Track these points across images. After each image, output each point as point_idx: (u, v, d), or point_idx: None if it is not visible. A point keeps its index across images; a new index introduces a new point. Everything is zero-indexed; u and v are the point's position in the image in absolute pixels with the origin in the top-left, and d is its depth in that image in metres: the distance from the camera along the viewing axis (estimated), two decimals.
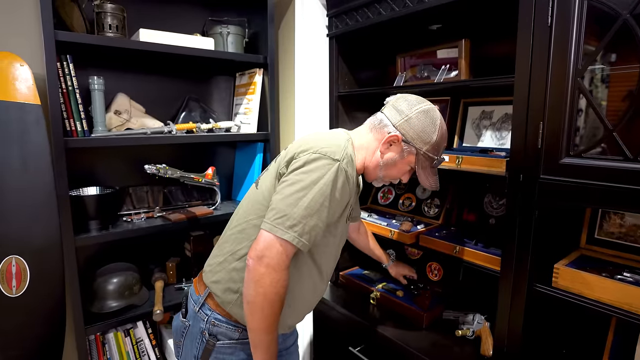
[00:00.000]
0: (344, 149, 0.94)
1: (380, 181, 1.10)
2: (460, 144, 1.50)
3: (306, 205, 0.88)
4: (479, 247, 1.24)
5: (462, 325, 1.37)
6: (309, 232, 0.89)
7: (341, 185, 0.92)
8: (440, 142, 1.03)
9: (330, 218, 0.94)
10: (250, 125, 1.73)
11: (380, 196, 1.80)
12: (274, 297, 0.88)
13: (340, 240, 1.11)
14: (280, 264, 0.87)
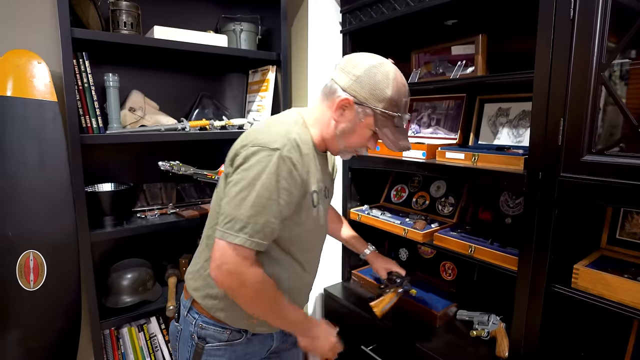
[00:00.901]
0: (285, 134, 0.89)
1: (345, 153, 1.03)
2: (476, 141, 1.47)
3: (252, 204, 0.84)
4: (495, 246, 1.22)
5: (477, 325, 1.35)
6: (261, 231, 0.85)
7: (287, 174, 0.87)
8: (398, 97, 0.93)
9: (286, 210, 0.89)
10: None
11: (394, 194, 1.78)
12: (255, 293, 0.88)
13: (313, 229, 1.03)
14: (240, 268, 0.85)
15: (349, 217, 1.68)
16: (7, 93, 1.34)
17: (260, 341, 1.05)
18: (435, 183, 1.66)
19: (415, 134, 1.69)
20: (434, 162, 1.34)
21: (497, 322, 1.31)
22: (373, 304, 1.36)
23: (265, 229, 0.86)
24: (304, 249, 1.03)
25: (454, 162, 1.28)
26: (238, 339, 1.00)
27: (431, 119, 1.65)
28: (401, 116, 0.95)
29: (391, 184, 1.81)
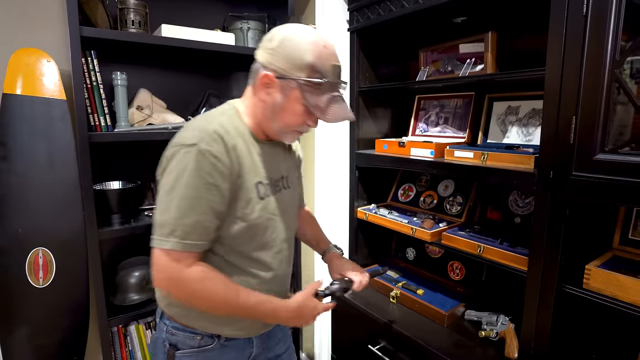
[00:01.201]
0: (202, 128, 0.85)
1: (286, 135, 0.95)
2: (485, 140, 1.46)
3: (177, 206, 0.81)
4: (505, 246, 1.20)
5: (486, 326, 1.34)
6: (192, 232, 0.82)
7: (210, 168, 0.82)
8: (321, 61, 0.85)
9: (220, 205, 0.85)
10: None
11: (401, 193, 1.77)
12: (197, 293, 0.85)
13: (267, 224, 0.96)
14: (175, 273, 0.82)
15: (356, 216, 1.68)
16: (17, 91, 1.36)
17: (236, 347, 1.00)
18: (443, 182, 1.64)
19: (423, 132, 1.67)
20: (442, 160, 1.33)
21: (506, 322, 1.30)
22: None
23: (197, 228, 0.82)
24: (263, 247, 0.96)
25: (463, 161, 1.27)
26: (210, 345, 0.97)
27: (439, 118, 1.64)
28: (331, 82, 0.87)
29: (398, 183, 1.80)
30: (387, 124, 1.76)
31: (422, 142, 1.43)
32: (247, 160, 0.91)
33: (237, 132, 0.91)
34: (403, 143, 1.49)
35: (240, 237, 0.92)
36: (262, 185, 0.94)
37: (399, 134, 1.76)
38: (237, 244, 0.92)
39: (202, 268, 0.85)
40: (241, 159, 0.89)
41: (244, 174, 0.89)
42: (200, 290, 0.85)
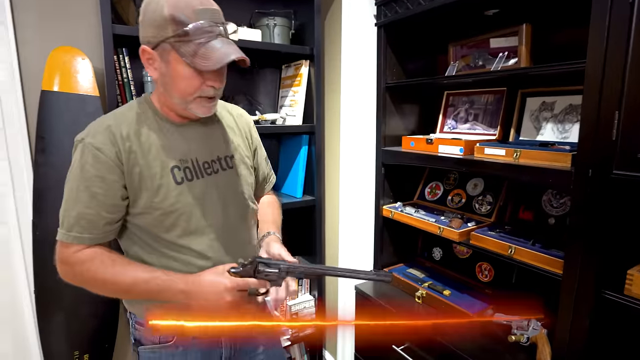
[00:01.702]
0: (96, 122, 0.88)
1: (195, 107, 0.88)
2: (517, 137, 1.40)
3: (65, 200, 0.86)
4: (537, 247, 1.15)
5: (515, 330, 1.29)
6: (75, 224, 0.84)
7: (92, 160, 0.83)
8: (178, 9, 0.79)
9: (111, 198, 0.85)
10: (295, 118, 1.72)
11: (428, 192, 1.73)
12: (90, 276, 0.86)
13: (192, 208, 0.92)
14: (66, 257, 0.86)
15: (382, 214, 1.65)
16: (54, 88, 1.41)
17: (201, 346, 0.96)
18: (472, 181, 1.59)
19: (452, 129, 1.63)
20: (471, 158, 1.29)
21: (538, 327, 1.24)
22: None
23: (81, 221, 0.84)
24: (192, 234, 0.92)
25: (494, 159, 1.22)
26: (170, 341, 0.94)
27: (469, 114, 1.59)
28: (199, 26, 0.80)
29: (425, 181, 1.76)
30: (414, 121, 1.73)
31: (451, 139, 1.39)
32: (155, 147, 0.89)
33: (143, 119, 0.90)
34: (431, 140, 1.46)
35: (159, 225, 0.90)
36: (178, 170, 0.91)
37: (427, 131, 1.72)
38: (160, 232, 0.90)
39: (93, 250, 0.86)
40: (143, 147, 0.88)
41: (147, 161, 0.87)
42: (86, 271, 0.86)
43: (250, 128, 1.13)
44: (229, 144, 1.03)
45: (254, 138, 1.14)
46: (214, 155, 0.98)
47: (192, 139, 0.95)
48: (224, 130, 1.03)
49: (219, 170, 0.98)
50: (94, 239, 0.86)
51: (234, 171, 1.02)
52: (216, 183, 0.97)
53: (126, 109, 0.93)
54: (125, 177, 0.86)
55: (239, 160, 1.04)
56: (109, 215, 0.87)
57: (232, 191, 1.01)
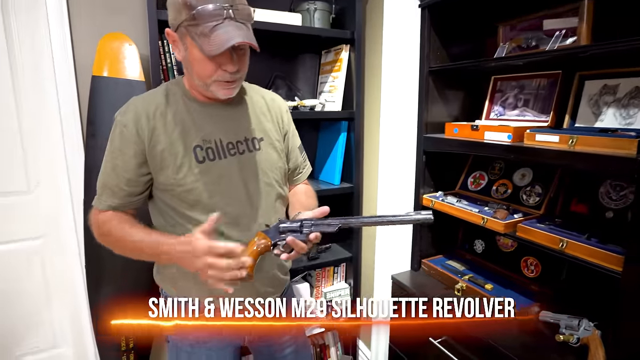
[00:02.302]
0: (128, 102, 0.94)
1: (214, 89, 0.90)
2: (572, 124, 1.30)
3: (101, 172, 0.95)
4: (593, 242, 1.07)
5: (564, 329, 1.21)
6: (102, 192, 0.94)
7: (118, 135, 0.91)
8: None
9: (128, 172, 0.91)
10: (335, 104, 1.70)
11: (471, 182, 1.65)
12: (107, 234, 0.94)
13: (212, 187, 0.93)
14: (94, 221, 0.95)
15: (422, 203, 1.60)
16: (104, 73, 1.46)
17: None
18: (520, 170, 1.50)
19: (499, 116, 1.54)
20: (521, 145, 1.21)
21: (590, 328, 1.16)
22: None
23: (105, 189, 0.94)
24: (212, 212, 0.90)
25: (546, 146, 1.14)
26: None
27: (518, 100, 1.50)
28: (204, 8, 0.80)
29: (468, 170, 1.69)
30: (457, 108, 1.65)
31: (498, 126, 1.32)
32: (179, 126, 0.93)
33: (172, 100, 0.95)
34: (476, 126, 1.38)
35: (182, 202, 0.94)
36: (200, 150, 0.93)
37: (471, 119, 1.64)
38: (184, 209, 0.95)
39: (113, 214, 0.94)
40: (168, 126, 0.92)
41: (171, 140, 0.92)
42: (107, 231, 0.93)
43: (282, 113, 1.13)
44: (258, 126, 1.04)
45: (285, 123, 1.13)
46: (240, 136, 1.00)
47: (217, 119, 0.97)
48: (254, 113, 1.04)
49: (244, 151, 0.99)
50: (115, 207, 0.94)
51: (261, 153, 1.03)
52: (240, 164, 0.98)
53: (158, 89, 0.98)
54: (146, 155, 0.92)
55: (268, 143, 1.05)
56: (127, 187, 0.93)
57: (258, 173, 1.01)
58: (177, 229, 0.96)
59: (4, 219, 1.61)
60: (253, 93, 1.08)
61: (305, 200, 1.14)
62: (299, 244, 0.88)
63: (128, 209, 0.97)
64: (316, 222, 0.90)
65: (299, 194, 1.17)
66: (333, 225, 0.89)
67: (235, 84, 0.92)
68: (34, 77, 1.54)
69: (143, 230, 0.93)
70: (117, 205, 0.94)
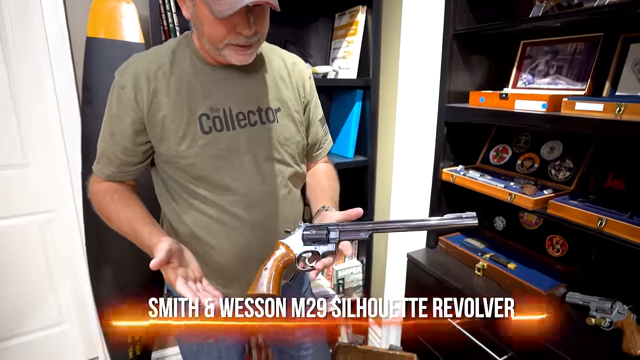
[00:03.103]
0: (129, 59, 0.84)
1: (227, 53, 0.78)
2: (613, 92, 1.19)
3: (100, 137, 0.87)
4: (637, 220, 0.98)
5: (595, 312, 1.14)
6: (99, 157, 0.87)
7: (116, 98, 0.82)
8: None
9: (125, 140, 0.83)
10: (349, 71, 1.58)
11: (493, 155, 1.56)
12: (103, 214, 0.87)
13: (217, 163, 0.84)
14: (90, 189, 0.90)
15: (441, 177, 1.51)
16: (100, 35, 1.35)
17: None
18: (549, 143, 1.40)
19: (527, 85, 1.42)
20: (557, 114, 1.11)
21: (625, 311, 1.09)
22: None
23: (102, 156, 0.87)
24: (221, 189, 0.85)
25: (588, 115, 1.04)
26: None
27: (550, 67, 1.38)
28: None
29: (490, 143, 1.58)
30: (482, 76, 1.53)
31: (531, 94, 1.21)
32: (185, 89, 0.82)
33: (179, 58, 0.84)
34: (505, 95, 1.27)
35: (186, 176, 0.85)
36: (207, 119, 0.83)
37: (495, 88, 1.53)
38: (188, 183, 0.86)
39: (108, 184, 0.88)
40: (171, 88, 0.81)
41: (174, 105, 0.81)
42: (100, 203, 0.87)
43: (305, 80, 0.99)
44: (275, 94, 0.91)
45: (307, 92, 0.99)
46: (253, 105, 0.88)
47: (228, 85, 0.85)
48: (272, 79, 0.92)
49: (256, 122, 0.87)
50: (110, 175, 0.87)
51: (277, 126, 0.90)
52: (250, 137, 0.86)
53: (164, 45, 0.87)
54: (145, 123, 0.82)
55: (285, 114, 0.92)
56: (123, 156, 0.85)
57: (270, 148, 0.89)
58: (181, 205, 0.88)
59: (2, 193, 1.53)
60: (272, 55, 0.95)
61: (326, 183, 1.02)
62: (329, 261, 0.78)
63: (126, 179, 0.89)
64: (344, 228, 0.78)
65: (319, 175, 1.05)
66: (364, 231, 0.78)
67: (251, 48, 0.79)
68: (24, 43, 1.42)
69: (135, 212, 0.83)
70: (113, 175, 0.87)
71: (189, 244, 0.87)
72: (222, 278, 0.91)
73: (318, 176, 1.05)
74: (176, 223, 0.90)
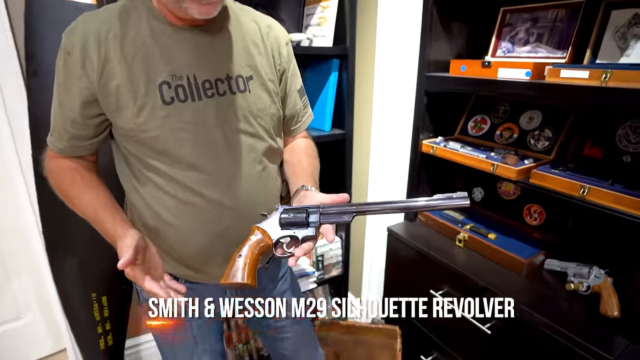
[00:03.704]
0: (78, 19, 0.74)
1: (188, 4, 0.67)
2: (593, 60, 1.18)
3: (52, 106, 0.79)
4: (618, 188, 0.99)
5: (573, 278, 1.17)
6: (53, 129, 0.79)
7: (62, 65, 0.72)
8: None
9: (72, 112, 0.74)
10: (324, 38, 1.49)
11: (472, 126, 1.54)
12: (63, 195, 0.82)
13: (181, 137, 0.75)
14: (46, 165, 0.83)
15: (420, 149, 1.48)
16: None
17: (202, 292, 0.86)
18: (528, 113, 1.40)
19: (507, 53, 1.40)
20: (542, 82, 1.09)
21: (601, 275, 1.12)
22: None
23: (54, 128, 0.79)
24: (185, 165, 0.77)
25: (573, 82, 1.02)
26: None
27: (530, 35, 1.35)
28: None
29: (468, 114, 1.56)
30: (461, 44, 1.48)
31: (515, 62, 1.19)
32: (141, 54, 0.72)
33: (133, 18, 0.72)
34: (488, 63, 1.24)
35: (147, 151, 0.77)
36: (168, 88, 0.73)
37: (474, 57, 1.49)
38: (150, 159, 0.77)
39: (64, 162, 0.81)
40: (126, 53, 0.71)
41: (129, 73, 0.71)
42: (57, 183, 0.81)
43: (281, 45, 0.89)
44: (247, 61, 0.82)
45: (283, 58, 0.90)
46: (221, 73, 0.78)
47: (193, 49, 0.75)
48: (243, 43, 0.82)
49: (225, 92, 0.78)
50: (63, 150, 0.80)
51: (250, 96, 0.82)
52: (219, 108, 0.78)
53: (116, 4, 0.74)
54: (97, 93, 0.73)
55: (258, 83, 0.83)
56: (72, 130, 0.77)
57: (242, 120, 0.81)
58: (143, 184, 0.80)
59: None
60: (244, 17, 0.85)
61: (306, 160, 0.95)
62: (309, 247, 0.72)
63: (82, 154, 0.81)
64: (325, 210, 0.73)
65: (298, 152, 0.97)
66: (348, 214, 0.73)
67: (211, 3, 0.69)
68: None
69: (98, 199, 0.79)
70: (65, 149, 0.80)
71: (152, 227, 0.81)
72: (189, 264, 0.85)
73: (297, 152, 0.98)
74: (138, 204, 0.82)
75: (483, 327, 1.19)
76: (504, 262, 1.28)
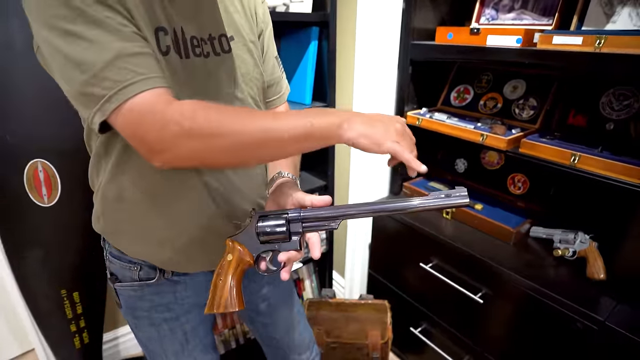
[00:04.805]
0: None
1: None
2: (579, 27, 1.17)
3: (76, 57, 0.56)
4: (607, 155, 1.01)
5: (559, 244, 1.20)
6: (138, 66, 0.57)
7: None
8: None
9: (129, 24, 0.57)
10: (303, 4, 1.38)
11: (454, 96, 1.52)
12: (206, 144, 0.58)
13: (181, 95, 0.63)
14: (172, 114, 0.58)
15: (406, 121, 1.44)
16: None
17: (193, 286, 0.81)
18: (511, 82, 1.39)
19: (491, 20, 1.36)
20: (533, 49, 1.07)
21: (587, 240, 1.16)
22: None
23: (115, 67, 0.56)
24: None
25: (566, 49, 1.01)
26: (153, 278, 0.77)
27: (515, 1, 1.32)
28: None
29: (451, 84, 1.54)
30: (445, 12, 1.43)
31: (504, 29, 1.15)
32: None
33: None
34: (477, 30, 1.20)
35: None
36: (164, 34, 0.61)
37: (456, 25, 1.45)
38: None
39: (189, 102, 0.59)
40: None
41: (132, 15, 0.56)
42: (205, 123, 0.58)
43: (257, 4, 0.79)
44: (227, 20, 0.71)
45: (259, 18, 0.80)
46: (204, 32, 0.67)
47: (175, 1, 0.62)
48: (222, 4, 0.71)
49: (209, 53, 0.67)
50: (162, 79, 0.56)
51: (234, 57, 0.72)
52: (207, 69, 0.67)
53: None
54: None
55: (241, 44, 0.73)
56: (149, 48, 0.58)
57: (231, 85, 0.72)
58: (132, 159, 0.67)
59: None
60: None
61: None
62: (295, 257, 0.65)
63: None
64: (306, 216, 0.63)
65: None
66: (334, 219, 0.63)
67: None
68: None
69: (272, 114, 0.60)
70: (163, 78, 0.57)
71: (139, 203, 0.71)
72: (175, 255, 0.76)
73: None
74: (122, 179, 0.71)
75: (475, 296, 1.20)
76: (493, 231, 1.29)
